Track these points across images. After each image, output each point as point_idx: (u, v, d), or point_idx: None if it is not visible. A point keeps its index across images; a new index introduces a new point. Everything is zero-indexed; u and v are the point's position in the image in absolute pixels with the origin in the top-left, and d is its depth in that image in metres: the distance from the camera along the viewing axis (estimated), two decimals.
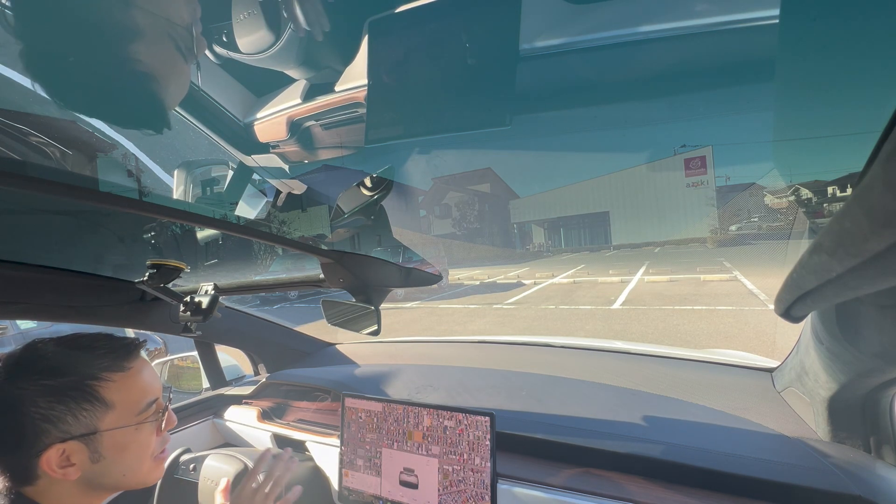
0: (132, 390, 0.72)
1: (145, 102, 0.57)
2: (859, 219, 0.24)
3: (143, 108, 0.58)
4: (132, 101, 0.57)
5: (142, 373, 0.75)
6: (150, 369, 0.78)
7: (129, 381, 0.72)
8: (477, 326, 6.55)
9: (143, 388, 0.74)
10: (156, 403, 0.76)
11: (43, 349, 0.68)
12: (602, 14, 0.51)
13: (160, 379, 0.93)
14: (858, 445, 0.82)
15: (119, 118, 0.58)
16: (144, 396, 0.74)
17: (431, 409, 1.01)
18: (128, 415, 0.71)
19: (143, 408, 0.73)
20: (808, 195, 0.91)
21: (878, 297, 0.47)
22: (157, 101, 0.58)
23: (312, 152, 0.81)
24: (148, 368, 0.78)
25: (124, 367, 0.72)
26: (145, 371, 0.76)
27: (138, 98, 0.56)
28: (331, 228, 0.97)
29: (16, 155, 0.56)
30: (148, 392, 0.75)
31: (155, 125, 0.61)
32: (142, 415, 0.73)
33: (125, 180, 0.66)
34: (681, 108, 0.57)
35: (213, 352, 1.71)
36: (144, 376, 0.75)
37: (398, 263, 1.07)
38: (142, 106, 0.58)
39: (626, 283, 8.97)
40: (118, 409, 0.70)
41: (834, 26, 0.38)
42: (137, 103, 0.57)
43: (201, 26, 0.55)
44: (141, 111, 0.58)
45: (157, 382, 0.78)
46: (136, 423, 0.72)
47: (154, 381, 0.77)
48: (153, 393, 0.76)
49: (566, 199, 5.00)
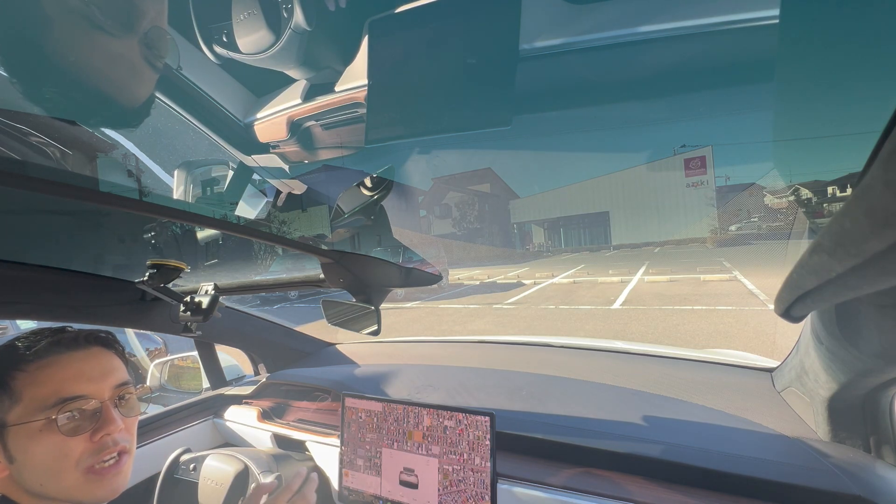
0: (43, 383, 0.63)
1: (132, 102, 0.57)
2: (859, 219, 0.24)
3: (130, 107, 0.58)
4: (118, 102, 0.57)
5: (65, 365, 0.65)
6: (88, 363, 0.68)
7: (43, 371, 0.64)
8: (477, 326, 6.55)
9: (58, 380, 0.64)
10: (77, 402, 0.64)
11: (11, 341, 0.66)
12: (602, 14, 0.51)
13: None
14: (858, 445, 0.82)
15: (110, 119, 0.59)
16: (58, 391, 0.63)
17: (431, 408, 1.01)
18: (33, 410, 0.62)
19: (51, 404, 0.62)
20: (808, 195, 0.91)
21: (878, 297, 0.47)
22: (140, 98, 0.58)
23: (312, 152, 0.81)
24: (86, 362, 0.68)
25: (41, 356, 0.64)
26: (76, 364, 0.67)
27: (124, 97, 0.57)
28: (331, 228, 0.97)
29: (16, 155, 0.56)
30: (64, 386, 0.64)
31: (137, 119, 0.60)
32: (48, 411, 0.62)
33: (125, 180, 0.66)
34: (681, 108, 0.57)
35: (213, 352, 1.71)
36: (67, 369, 0.65)
37: (398, 263, 1.07)
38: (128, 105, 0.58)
39: (626, 283, 8.96)
40: (25, 402, 0.62)
41: (833, 26, 0.39)
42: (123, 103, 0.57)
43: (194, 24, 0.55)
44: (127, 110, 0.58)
45: (90, 379, 0.67)
46: (40, 419, 0.61)
47: (84, 377, 0.66)
48: (74, 389, 0.64)
49: (566, 199, 5.00)
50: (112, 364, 0.72)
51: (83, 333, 0.71)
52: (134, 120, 0.60)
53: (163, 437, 1.37)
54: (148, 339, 3.93)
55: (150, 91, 0.60)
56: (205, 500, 1.10)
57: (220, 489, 1.08)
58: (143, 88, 0.58)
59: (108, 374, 0.70)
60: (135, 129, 0.61)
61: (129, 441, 0.71)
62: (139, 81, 0.57)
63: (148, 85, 0.59)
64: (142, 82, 0.57)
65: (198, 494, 1.11)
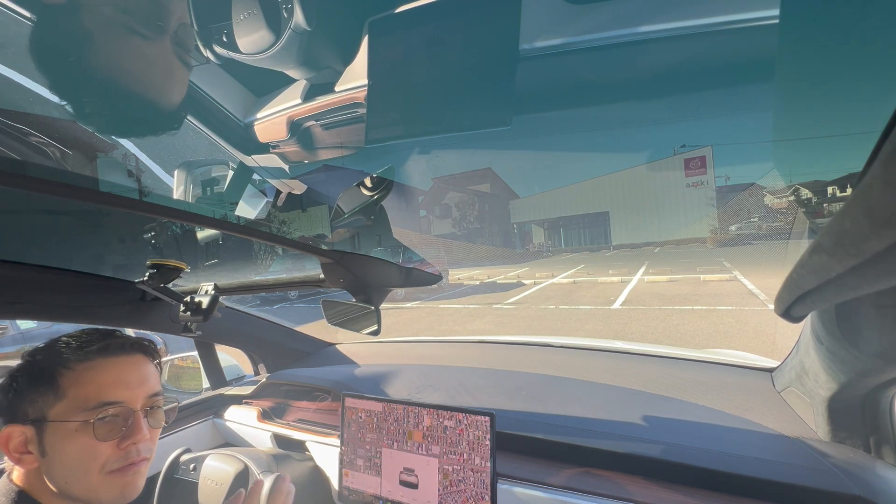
0: (88, 384, 0.65)
1: (145, 106, 0.57)
2: (859, 219, 0.24)
3: (145, 112, 0.58)
4: (133, 107, 0.57)
5: (110, 369, 0.68)
6: (130, 370, 0.71)
7: (89, 373, 0.66)
8: (477, 326, 6.55)
9: (101, 384, 0.66)
10: (115, 408, 0.66)
11: (61, 337, 0.69)
12: (602, 14, 0.51)
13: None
14: (858, 445, 0.82)
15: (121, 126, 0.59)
16: (99, 394, 0.66)
17: (431, 408, 1.01)
18: (74, 409, 0.64)
19: (91, 406, 0.65)
20: (808, 195, 0.91)
21: (878, 297, 0.47)
22: (157, 104, 0.58)
23: (312, 152, 0.81)
24: (127, 369, 0.70)
25: (90, 357, 0.66)
26: (119, 369, 0.69)
27: (138, 103, 0.56)
28: (331, 228, 0.97)
29: (16, 155, 0.56)
30: (106, 391, 0.66)
31: (159, 128, 0.61)
32: (87, 413, 0.64)
33: (125, 180, 0.66)
34: (681, 108, 0.57)
35: (213, 352, 1.71)
36: (111, 374, 0.67)
37: (398, 263, 1.07)
38: (143, 110, 0.58)
39: (626, 283, 8.96)
40: (67, 400, 0.64)
41: (833, 27, 0.39)
42: (138, 108, 0.57)
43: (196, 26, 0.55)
44: (143, 116, 0.59)
45: (128, 386, 0.69)
46: (79, 419, 0.64)
47: (123, 384, 0.68)
48: (114, 395, 0.67)
49: (566, 199, 5.00)
50: (149, 372, 0.74)
51: (130, 340, 0.73)
52: (168, 125, 0.60)
53: (163, 437, 1.37)
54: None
55: (183, 91, 0.60)
56: (205, 500, 1.10)
57: (220, 489, 1.08)
58: (177, 89, 0.59)
59: (144, 382, 0.72)
60: (176, 131, 0.61)
61: (150, 451, 0.73)
62: (173, 82, 0.57)
63: (182, 85, 0.59)
64: (175, 82, 0.57)
65: (198, 494, 1.11)
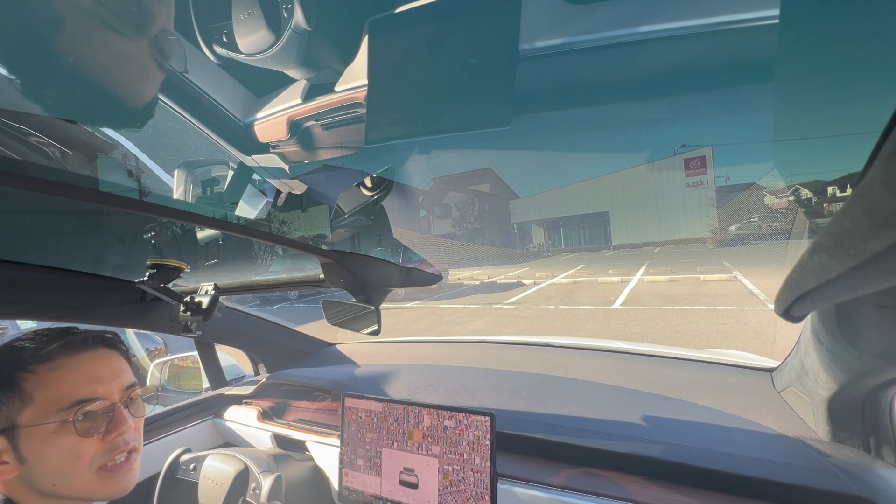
0: (56, 384, 0.64)
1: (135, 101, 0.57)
2: (859, 219, 0.24)
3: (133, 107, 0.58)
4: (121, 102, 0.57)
5: (78, 367, 0.66)
6: (99, 365, 0.69)
7: (54, 373, 0.64)
8: (477, 326, 6.55)
9: (72, 382, 0.65)
10: (92, 404, 0.66)
11: (14, 341, 0.67)
12: (602, 14, 0.51)
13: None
14: (858, 445, 0.82)
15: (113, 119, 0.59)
16: (72, 393, 0.64)
17: (431, 408, 1.01)
18: (47, 412, 0.62)
19: (67, 405, 0.64)
20: (808, 195, 0.91)
21: (878, 297, 0.47)
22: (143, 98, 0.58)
23: (313, 152, 0.81)
24: (95, 364, 0.69)
25: (52, 357, 0.65)
26: (87, 366, 0.68)
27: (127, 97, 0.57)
28: (331, 228, 0.97)
29: (16, 155, 0.56)
30: (78, 388, 0.65)
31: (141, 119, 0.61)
32: (64, 413, 0.63)
33: (125, 180, 0.66)
34: (681, 108, 0.57)
35: (213, 352, 1.71)
36: (80, 371, 0.66)
37: (398, 263, 1.07)
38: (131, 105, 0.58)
39: (626, 283, 8.96)
40: (37, 404, 0.62)
41: (833, 26, 0.39)
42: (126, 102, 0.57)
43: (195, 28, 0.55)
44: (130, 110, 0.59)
45: (100, 381, 0.68)
46: (55, 420, 0.62)
47: (96, 379, 0.68)
48: (88, 391, 0.66)
49: (566, 199, 5.00)
50: (120, 365, 0.74)
51: (91, 335, 0.72)
52: (137, 120, 0.60)
53: (163, 437, 1.37)
54: (148, 339, 3.92)
55: (154, 92, 0.60)
56: (205, 500, 1.10)
57: (220, 489, 1.08)
58: (149, 89, 0.59)
59: (117, 376, 0.72)
60: (138, 129, 0.61)
61: (137, 440, 0.73)
62: (146, 83, 0.57)
63: (153, 86, 0.59)
64: (148, 84, 0.57)
65: (198, 494, 1.11)
